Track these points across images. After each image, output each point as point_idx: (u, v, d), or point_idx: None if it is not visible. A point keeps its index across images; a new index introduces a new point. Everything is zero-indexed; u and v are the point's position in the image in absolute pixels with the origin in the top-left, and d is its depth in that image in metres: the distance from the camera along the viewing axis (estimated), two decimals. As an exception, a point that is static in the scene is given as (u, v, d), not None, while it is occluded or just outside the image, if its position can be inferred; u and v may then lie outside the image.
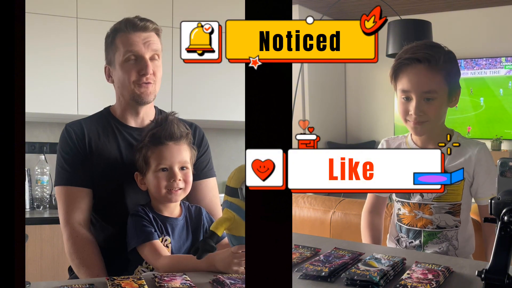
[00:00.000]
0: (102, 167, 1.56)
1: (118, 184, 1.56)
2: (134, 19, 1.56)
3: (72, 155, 1.56)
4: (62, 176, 1.57)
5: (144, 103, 1.59)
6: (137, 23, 1.55)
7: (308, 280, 1.18)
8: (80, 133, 1.58)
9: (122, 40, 1.55)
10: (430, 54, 1.51)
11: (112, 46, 1.58)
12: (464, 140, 1.62)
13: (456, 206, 1.58)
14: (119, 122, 1.62)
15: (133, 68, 1.55)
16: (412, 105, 1.52)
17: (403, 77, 1.54)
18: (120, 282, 1.18)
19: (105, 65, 1.63)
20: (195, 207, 1.58)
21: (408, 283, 1.11)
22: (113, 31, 1.58)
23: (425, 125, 1.55)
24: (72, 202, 1.54)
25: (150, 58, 1.56)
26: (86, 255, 1.49)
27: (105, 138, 1.59)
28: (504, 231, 0.97)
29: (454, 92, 1.56)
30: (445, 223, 1.58)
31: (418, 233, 1.61)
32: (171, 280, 1.20)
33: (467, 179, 1.57)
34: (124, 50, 1.54)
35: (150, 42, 1.56)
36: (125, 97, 1.59)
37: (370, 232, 1.76)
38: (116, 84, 1.61)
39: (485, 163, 1.57)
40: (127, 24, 1.55)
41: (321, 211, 2.40)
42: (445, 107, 1.57)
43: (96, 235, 1.56)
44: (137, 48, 1.54)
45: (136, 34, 1.55)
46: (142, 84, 1.55)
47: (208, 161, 1.71)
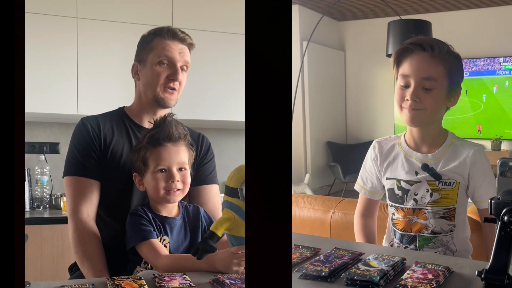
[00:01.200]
0: (113, 163, 1.59)
1: (126, 182, 1.58)
2: (176, 29, 1.64)
3: (86, 146, 1.59)
4: (73, 166, 1.59)
5: (165, 106, 1.64)
6: (177, 33, 1.63)
7: (308, 280, 1.18)
8: (96, 127, 1.61)
9: (160, 44, 1.62)
10: (435, 43, 1.50)
11: (147, 46, 1.64)
12: (459, 141, 1.58)
13: (450, 211, 1.54)
14: (134, 122, 1.66)
15: (164, 71, 1.61)
16: (409, 91, 1.49)
17: (405, 63, 1.52)
18: (120, 282, 1.18)
19: (134, 62, 1.68)
20: (193, 206, 1.59)
21: (408, 283, 1.11)
22: (153, 34, 1.65)
23: (420, 113, 1.50)
24: (81, 192, 1.56)
25: (180, 68, 1.63)
26: (90, 248, 1.51)
27: (119, 135, 1.63)
28: (504, 231, 0.97)
29: (454, 90, 1.53)
30: (440, 228, 1.54)
31: (413, 238, 1.57)
32: (171, 280, 1.20)
33: (462, 183, 1.53)
34: (159, 53, 1.60)
35: (184, 53, 1.64)
36: (147, 97, 1.63)
37: (363, 235, 1.74)
38: (142, 82, 1.65)
39: (480, 166, 1.52)
40: (168, 32, 1.62)
41: (321, 211, 2.40)
42: (443, 102, 1.52)
43: (99, 231, 1.57)
44: (173, 55, 1.61)
45: (174, 43, 1.62)
46: (168, 89, 1.61)
47: (213, 169, 1.76)
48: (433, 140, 1.57)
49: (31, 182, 3.19)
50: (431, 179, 1.53)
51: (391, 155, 1.63)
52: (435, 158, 1.55)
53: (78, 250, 1.52)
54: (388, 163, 1.63)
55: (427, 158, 1.55)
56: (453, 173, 1.52)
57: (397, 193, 1.59)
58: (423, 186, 1.54)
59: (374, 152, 1.67)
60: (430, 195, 1.53)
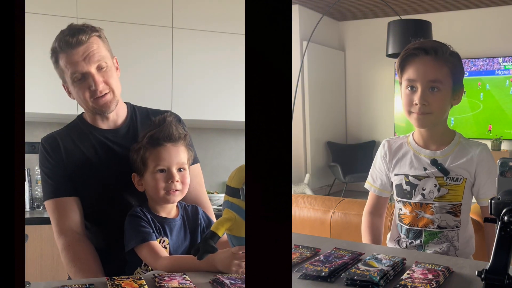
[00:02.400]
0: (83, 173, 1.56)
1: (102, 187, 1.56)
2: (66, 36, 1.49)
3: (52, 167, 1.57)
4: (47, 189, 1.58)
5: (106, 113, 1.58)
6: (69, 41, 1.48)
7: (308, 280, 1.18)
8: (55, 145, 1.58)
9: (64, 61, 1.51)
10: (437, 46, 1.55)
11: (58, 67, 1.55)
12: (466, 141, 1.63)
13: (456, 207, 1.58)
14: (92, 127, 1.62)
15: (83, 86, 1.52)
16: (417, 95, 1.54)
17: (410, 68, 1.57)
18: (120, 282, 1.18)
19: (62, 83, 1.61)
20: (192, 206, 1.59)
21: (408, 283, 1.11)
22: (53, 52, 1.54)
23: (428, 117, 1.55)
24: (62, 213, 1.54)
25: (97, 69, 1.51)
26: (83, 262, 1.49)
27: (80, 144, 1.59)
28: (504, 231, 0.97)
29: (457, 89, 1.58)
30: (446, 223, 1.58)
31: (419, 233, 1.61)
32: (171, 280, 1.20)
33: (469, 180, 1.57)
34: (69, 72, 1.51)
35: (90, 55, 1.49)
36: (89, 111, 1.59)
37: (370, 233, 1.76)
38: (76, 100, 1.60)
39: (486, 164, 1.57)
40: (61, 44, 1.50)
41: (321, 211, 2.40)
42: (449, 102, 1.58)
43: (92, 240, 1.56)
44: (79, 67, 1.49)
45: (73, 52, 1.48)
46: (98, 98, 1.53)
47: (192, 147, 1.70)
48: (441, 138, 1.62)
49: (31, 182, 3.19)
50: (439, 174, 1.58)
51: (400, 152, 1.67)
52: (443, 155, 1.60)
53: (70, 266, 1.50)
54: (397, 160, 1.67)
55: (436, 155, 1.60)
56: (460, 169, 1.57)
57: (405, 188, 1.63)
58: (431, 181, 1.59)
59: (384, 150, 1.71)
60: (438, 190, 1.58)
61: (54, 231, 1.56)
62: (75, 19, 3.05)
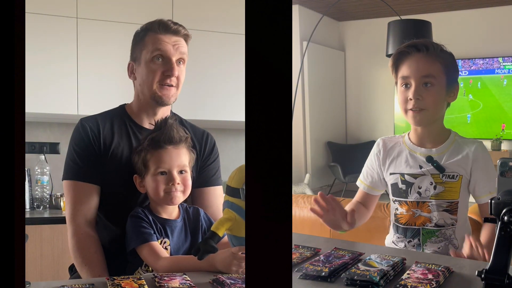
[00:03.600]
0: (113, 166, 1.56)
1: (126, 184, 1.56)
2: (168, 21, 1.57)
3: (85, 149, 1.55)
4: (72, 170, 1.56)
5: (163, 104, 1.59)
6: (169, 25, 1.56)
7: (308, 280, 1.18)
8: (96, 130, 1.57)
9: (152, 39, 1.55)
10: (428, 43, 1.59)
11: (140, 43, 1.58)
12: (462, 139, 1.64)
13: (453, 204, 1.58)
14: (134, 122, 1.62)
15: (159, 68, 1.55)
16: (411, 90, 1.55)
17: (403, 65, 1.59)
18: (120, 282, 1.18)
19: (129, 61, 1.63)
20: (193, 208, 1.59)
21: (408, 283, 1.11)
22: (144, 29, 1.58)
23: (424, 113, 1.56)
24: (80, 197, 1.54)
25: (177, 61, 1.56)
26: (89, 253, 1.49)
27: (119, 137, 1.59)
28: (504, 231, 0.97)
29: (452, 85, 1.59)
30: (443, 221, 1.58)
31: (417, 232, 1.61)
32: (171, 280, 1.20)
33: (465, 177, 1.57)
34: (152, 49, 1.54)
35: (180, 46, 1.57)
36: (145, 96, 1.58)
37: (350, 206, 1.70)
38: (138, 81, 1.60)
39: (482, 160, 1.58)
40: (160, 25, 1.56)
41: (321, 211, 2.40)
42: (444, 98, 1.59)
43: (98, 234, 1.56)
44: (166, 49, 1.55)
45: (167, 36, 1.55)
46: (165, 85, 1.56)
47: (217, 170, 1.72)
48: (436, 137, 1.63)
49: (31, 182, 3.19)
50: (435, 172, 1.58)
51: (395, 151, 1.67)
52: (438, 152, 1.60)
53: (76, 255, 1.50)
54: (392, 159, 1.67)
55: (431, 153, 1.61)
56: (456, 166, 1.57)
57: (401, 187, 1.63)
58: (427, 179, 1.59)
59: (378, 148, 1.71)
60: (434, 188, 1.58)
61: (67, 213, 1.55)
62: (75, 19, 3.06)
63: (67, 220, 1.55)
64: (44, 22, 2.97)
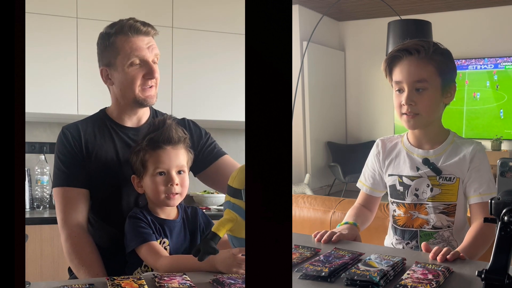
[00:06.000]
0: (99, 168, 1.57)
1: (115, 184, 1.57)
2: (136, 23, 1.56)
3: (69, 156, 1.57)
4: (59, 177, 1.58)
5: (147, 105, 1.61)
6: (140, 28, 1.56)
7: (308, 280, 1.18)
8: (77, 135, 1.58)
9: (126, 44, 1.54)
10: (420, 45, 1.54)
11: (112, 48, 1.56)
12: (460, 139, 1.62)
13: (450, 207, 1.57)
14: (115, 123, 1.63)
15: (138, 72, 1.56)
16: (404, 96, 1.53)
17: (396, 70, 1.57)
18: (120, 282, 1.18)
19: (101, 66, 1.61)
20: (191, 208, 1.59)
21: (408, 283, 1.11)
22: (114, 33, 1.56)
23: (418, 118, 1.54)
24: (70, 203, 1.55)
25: (153, 62, 1.58)
26: (85, 255, 1.50)
27: (101, 138, 1.60)
28: (504, 231, 0.97)
29: (448, 86, 1.56)
30: (441, 223, 1.57)
31: (415, 234, 1.60)
32: (171, 280, 1.20)
33: (462, 179, 1.56)
34: (129, 54, 1.54)
35: (153, 47, 1.58)
36: (126, 100, 1.59)
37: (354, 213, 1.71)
38: (117, 86, 1.59)
39: (477, 161, 1.55)
40: (130, 28, 1.55)
41: (321, 211, 2.40)
42: (439, 100, 1.56)
43: (94, 236, 1.57)
44: (143, 53, 1.55)
45: (139, 39, 1.55)
46: (146, 88, 1.57)
47: (215, 143, 1.75)
48: (434, 138, 1.61)
49: (31, 182, 3.19)
50: (431, 174, 1.57)
51: (394, 152, 1.66)
52: (436, 154, 1.59)
53: (72, 258, 1.51)
54: (391, 160, 1.66)
55: (428, 154, 1.60)
56: (453, 168, 1.56)
57: (399, 189, 1.62)
58: (424, 182, 1.58)
59: (377, 149, 1.71)
60: (431, 190, 1.57)
61: (58, 219, 1.56)
62: (75, 19, 3.06)
63: (59, 226, 1.56)
64: (44, 22, 2.97)
